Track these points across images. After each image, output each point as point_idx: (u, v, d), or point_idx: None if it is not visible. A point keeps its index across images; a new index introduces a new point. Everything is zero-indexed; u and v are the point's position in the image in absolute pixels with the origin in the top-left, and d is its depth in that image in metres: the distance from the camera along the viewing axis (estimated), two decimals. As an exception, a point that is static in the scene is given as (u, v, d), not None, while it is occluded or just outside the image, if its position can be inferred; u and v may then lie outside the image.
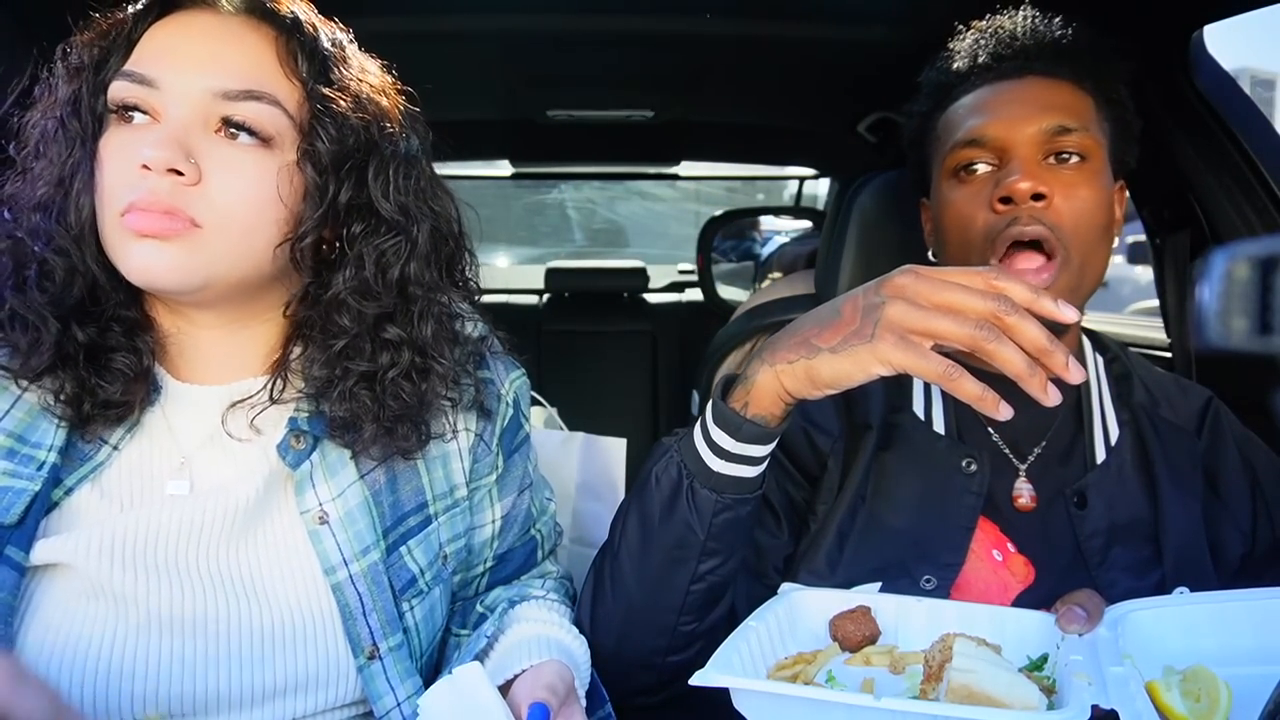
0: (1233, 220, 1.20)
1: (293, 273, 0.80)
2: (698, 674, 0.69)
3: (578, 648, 0.88)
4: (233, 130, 0.73)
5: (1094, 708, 0.64)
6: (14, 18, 1.15)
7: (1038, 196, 0.91)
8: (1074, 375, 0.70)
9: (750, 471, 0.81)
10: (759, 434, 0.79)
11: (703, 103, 2.10)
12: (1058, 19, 1.00)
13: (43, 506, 0.74)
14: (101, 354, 0.76)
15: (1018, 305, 0.70)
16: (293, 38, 0.76)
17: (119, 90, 0.74)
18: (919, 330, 0.71)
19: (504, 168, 3.08)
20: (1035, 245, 0.91)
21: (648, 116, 2.15)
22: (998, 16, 1.05)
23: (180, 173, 0.71)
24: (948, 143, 0.99)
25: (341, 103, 0.77)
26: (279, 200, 0.75)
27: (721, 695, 0.70)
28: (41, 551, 0.73)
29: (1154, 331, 1.42)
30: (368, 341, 0.81)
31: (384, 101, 0.82)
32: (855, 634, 0.82)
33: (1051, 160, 0.94)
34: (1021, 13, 1.03)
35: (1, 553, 0.71)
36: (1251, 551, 0.97)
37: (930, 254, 1.07)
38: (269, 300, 0.82)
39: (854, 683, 0.77)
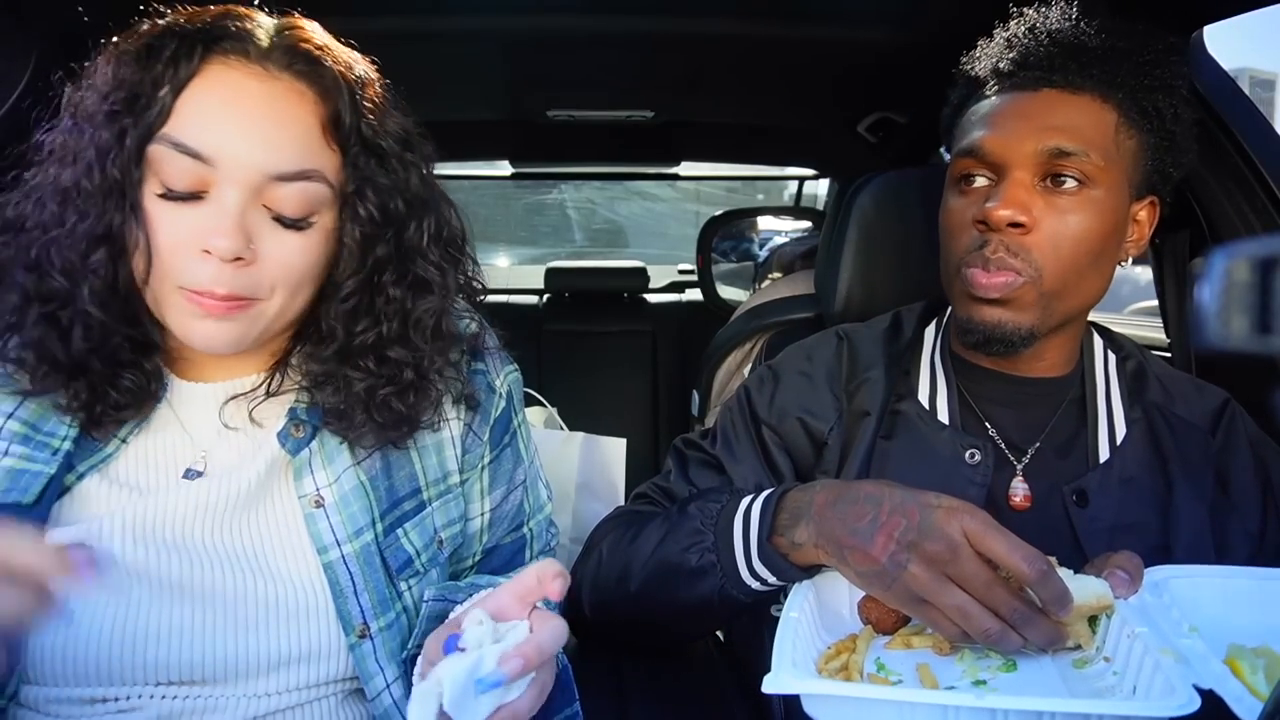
0: (1232, 220, 1.20)
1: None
2: (769, 680, 0.67)
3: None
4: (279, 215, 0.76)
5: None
6: (14, 18, 1.15)
7: (1016, 224, 0.90)
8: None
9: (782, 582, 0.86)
10: (797, 574, 0.85)
11: (703, 103, 2.10)
12: (1095, 22, 0.95)
13: (56, 490, 0.77)
14: (112, 369, 0.78)
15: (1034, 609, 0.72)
16: (332, 102, 0.77)
17: (170, 163, 0.72)
18: (933, 601, 0.74)
19: (504, 168, 3.08)
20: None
21: (648, 116, 2.15)
22: (1030, 11, 0.99)
23: (242, 258, 0.73)
24: (955, 148, 0.99)
25: (376, 165, 0.80)
26: (319, 264, 0.79)
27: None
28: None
29: (1154, 331, 1.42)
30: (370, 356, 0.83)
31: (407, 144, 0.83)
32: (888, 616, 0.81)
33: (1049, 182, 0.91)
34: (1055, 10, 0.97)
35: None
36: (1259, 553, 0.96)
37: None
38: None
39: (908, 670, 0.76)
